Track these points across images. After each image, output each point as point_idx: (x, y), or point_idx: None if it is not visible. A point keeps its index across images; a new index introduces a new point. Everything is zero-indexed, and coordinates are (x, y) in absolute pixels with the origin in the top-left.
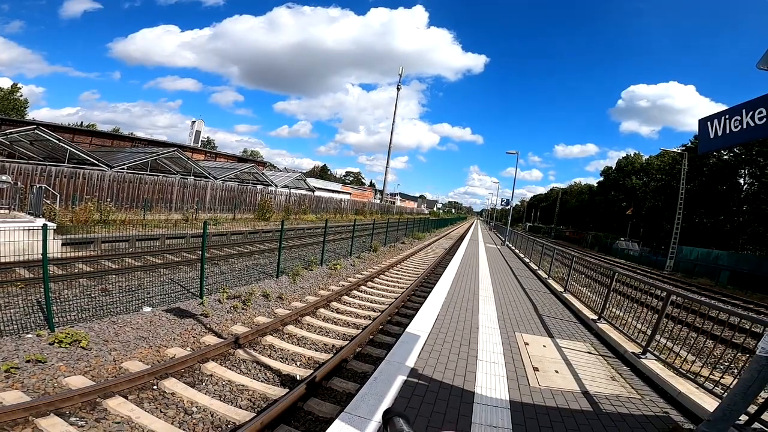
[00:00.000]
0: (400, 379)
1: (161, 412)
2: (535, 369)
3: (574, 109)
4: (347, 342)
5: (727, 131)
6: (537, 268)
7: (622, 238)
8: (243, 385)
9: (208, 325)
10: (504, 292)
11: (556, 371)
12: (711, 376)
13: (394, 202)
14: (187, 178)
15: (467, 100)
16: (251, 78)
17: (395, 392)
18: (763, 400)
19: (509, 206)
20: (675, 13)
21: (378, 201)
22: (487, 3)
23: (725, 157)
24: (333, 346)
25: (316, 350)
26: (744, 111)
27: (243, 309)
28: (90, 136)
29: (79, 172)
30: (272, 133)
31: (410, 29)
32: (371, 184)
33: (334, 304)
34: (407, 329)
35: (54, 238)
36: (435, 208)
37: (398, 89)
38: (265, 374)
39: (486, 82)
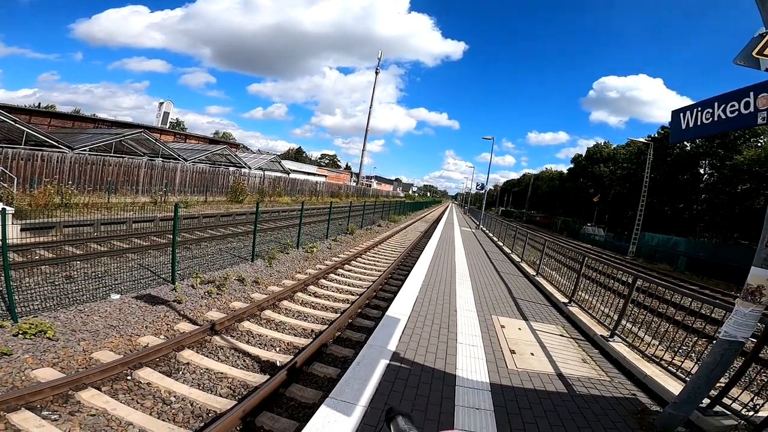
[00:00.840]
0: (383, 363)
1: (138, 403)
2: (512, 352)
3: (548, 98)
4: (326, 326)
5: (699, 123)
6: (510, 251)
7: (588, 224)
8: (222, 373)
9: (181, 312)
10: (480, 276)
11: (532, 354)
12: (674, 360)
13: (370, 185)
14: (155, 160)
15: (445, 86)
16: (224, 59)
17: (379, 376)
18: (723, 384)
19: (484, 191)
20: (647, 7)
21: (354, 184)
22: None
23: (687, 148)
24: (312, 330)
25: (295, 335)
26: (716, 104)
27: (218, 294)
28: (49, 117)
29: (38, 154)
30: (246, 114)
31: (391, 14)
32: (347, 167)
33: (312, 287)
34: (387, 312)
35: (12, 224)
36: (411, 192)
37: (377, 73)
38: (244, 361)
39: (464, 68)
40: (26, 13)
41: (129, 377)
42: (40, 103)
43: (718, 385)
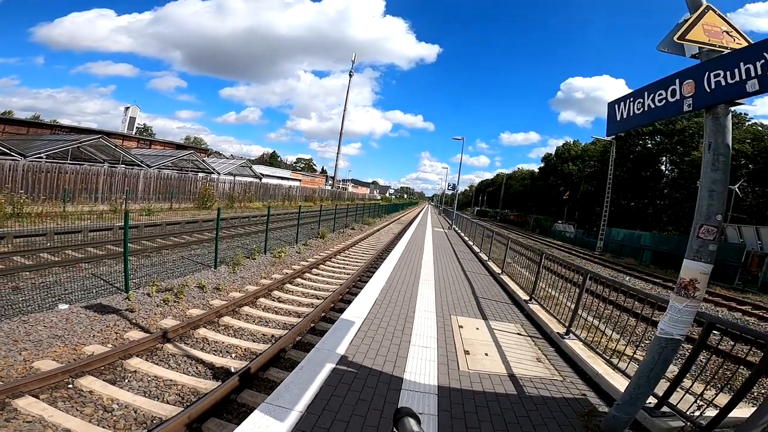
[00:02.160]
0: (328, 367)
1: (77, 410)
2: (466, 352)
3: (519, 99)
4: (287, 331)
5: (632, 113)
6: (479, 250)
7: (559, 221)
8: (171, 380)
9: (133, 321)
10: (445, 275)
11: (486, 354)
12: (624, 358)
13: (346, 189)
14: (116, 167)
15: (420, 88)
16: (195, 63)
17: (322, 380)
18: (669, 383)
19: (455, 191)
20: (609, 9)
21: (329, 187)
22: None
23: (649, 145)
24: (272, 336)
25: (254, 341)
26: (646, 94)
27: (175, 302)
28: (2, 124)
29: None
30: (218, 119)
31: (366, 17)
32: (323, 171)
33: (276, 292)
34: (342, 316)
35: None
36: (387, 194)
37: (351, 75)
38: (197, 368)
39: (438, 71)
40: None
41: (70, 385)
42: None
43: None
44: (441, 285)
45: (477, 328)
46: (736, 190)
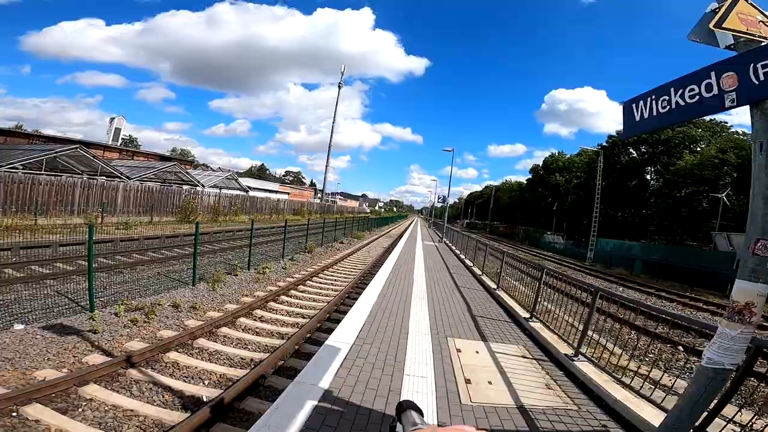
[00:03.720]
0: (309, 405)
1: None
2: (467, 381)
3: (505, 112)
4: (268, 355)
5: (654, 113)
6: (472, 264)
7: (548, 232)
8: (132, 410)
9: (95, 343)
10: (438, 292)
11: (490, 382)
12: (647, 383)
13: (335, 202)
14: (95, 179)
15: (408, 101)
16: (184, 74)
17: (300, 424)
18: (705, 414)
19: (445, 203)
20: (588, 23)
21: (318, 201)
22: (431, 8)
23: (634, 155)
24: (252, 360)
25: (231, 366)
26: (672, 90)
27: (145, 322)
28: None
29: None
30: (207, 131)
31: (356, 31)
32: (312, 184)
33: (258, 311)
34: (326, 342)
35: None
36: (377, 207)
37: (339, 87)
38: (163, 397)
39: (427, 84)
40: None
41: (14, 413)
42: None
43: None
44: (435, 303)
45: (477, 352)
46: (724, 198)
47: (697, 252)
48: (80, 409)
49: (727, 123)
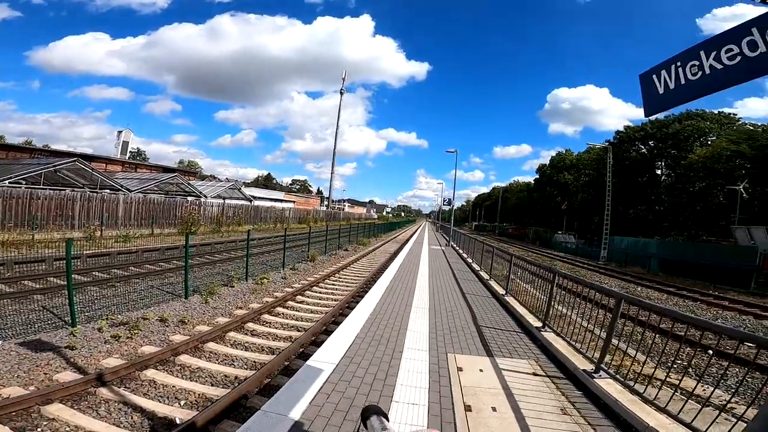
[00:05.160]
0: None
1: None
2: (467, 408)
3: (509, 113)
4: (254, 372)
5: (682, 81)
6: (479, 269)
7: (559, 232)
8: None
9: (71, 359)
10: (441, 300)
11: (494, 408)
12: (688, 406)
13: (342, 209)
14: (97, 192)
15: (411, 105)
16: (189, 86)
17: None
18: None
19: (451, 206)
20: (590, 20)
21: (324, 208)
22: (430, 13)
23: (643, 150)
24: (236, 377)
25: (213, 384)
26: (702, 53)
27: (128, 338)
28: None
29: None
30: (213, 143)
31: (356, 38)
32: (318, 192)
33: (250, 324)
34: (307, 362)
35: None
36: (384, 213)
37: (341, 93)
38: (132, 418)
39: (429, 88)
40: None
41: None
42: None
43: None
44: (436, 312)
45: (481, 370)
46: (741, 190)
47: (716, 247)
48: (39, 429)
49: (735, 115)
